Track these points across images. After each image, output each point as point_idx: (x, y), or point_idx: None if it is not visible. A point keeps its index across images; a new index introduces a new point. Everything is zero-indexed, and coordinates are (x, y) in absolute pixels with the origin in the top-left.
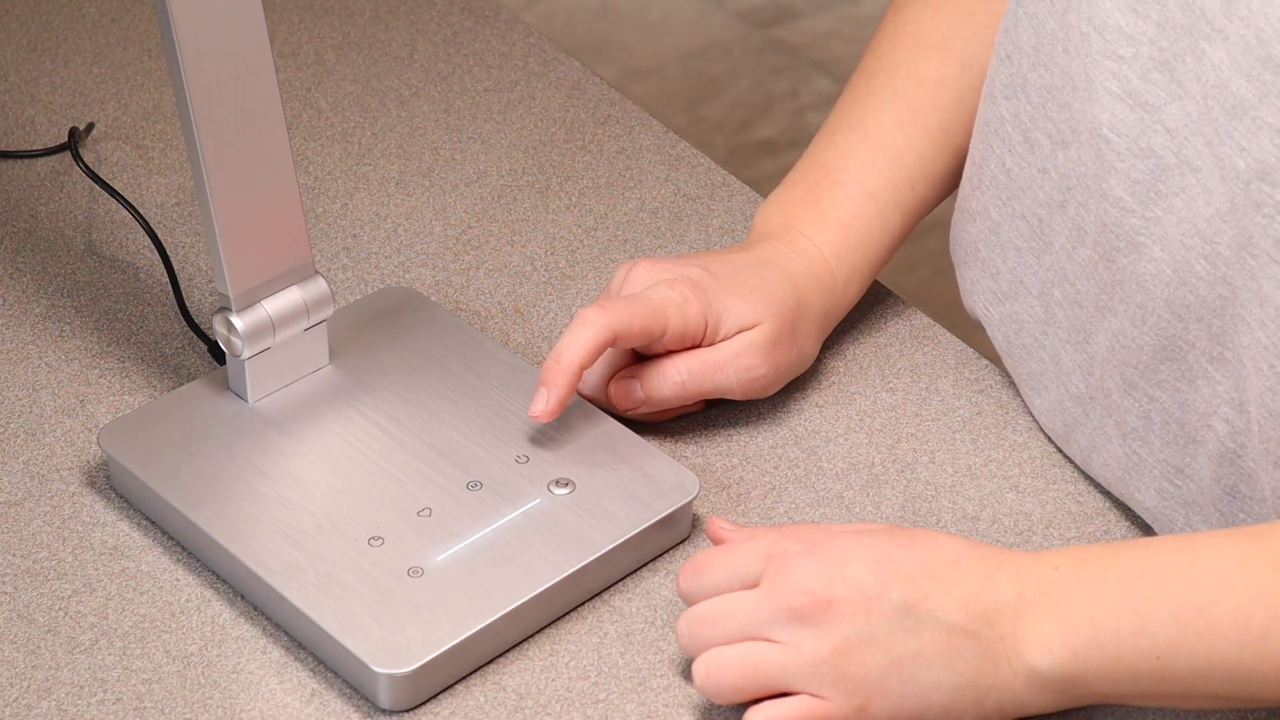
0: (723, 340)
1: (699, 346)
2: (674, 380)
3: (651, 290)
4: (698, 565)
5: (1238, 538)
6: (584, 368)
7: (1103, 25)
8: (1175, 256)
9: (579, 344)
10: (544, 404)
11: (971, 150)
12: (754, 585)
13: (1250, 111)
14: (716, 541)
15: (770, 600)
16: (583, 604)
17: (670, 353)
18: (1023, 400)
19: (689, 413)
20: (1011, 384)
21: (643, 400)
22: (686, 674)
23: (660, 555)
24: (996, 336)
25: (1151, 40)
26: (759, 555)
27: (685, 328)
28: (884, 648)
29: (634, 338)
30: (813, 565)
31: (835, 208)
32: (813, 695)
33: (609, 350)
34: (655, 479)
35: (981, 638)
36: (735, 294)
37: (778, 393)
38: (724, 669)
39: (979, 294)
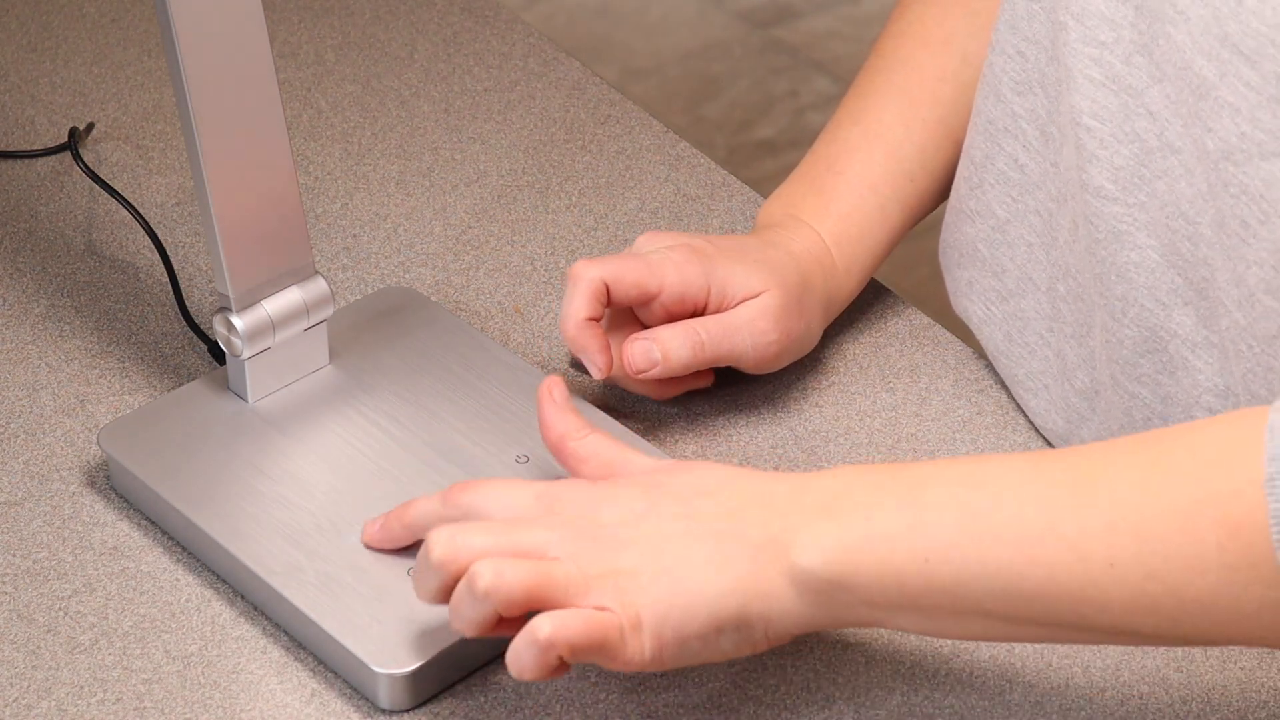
0: (730, 308)
1: (703, 314)
2: (693, 340)
3: (650, 252)
4: (464, 484)
5: (1031, 454)
6: (592, 319)
7: (1082, 12)
8: (1162, 240)
9: (576, 300)
10: (594, 366)
11: (970, 150)
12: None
13: (1212, 92)
14: (539, 404)
15: (545, 520)
16: None
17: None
18: None
19: (697, 387)
20: None
21: (658, 361)
22: (686, 674)
23: None
24: (995, 337)
25: (1131, 24)
26: (530, 493)
27: (684, 288)
28: (653, 557)
29: (627, 289)
30: (582, 493)
31: (836, 198)
32: (595, 607)
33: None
34: None
35: (749, 539)
36: (739, 262)
37: (778, 392)
38: (515, 576)
39: (976, 294)
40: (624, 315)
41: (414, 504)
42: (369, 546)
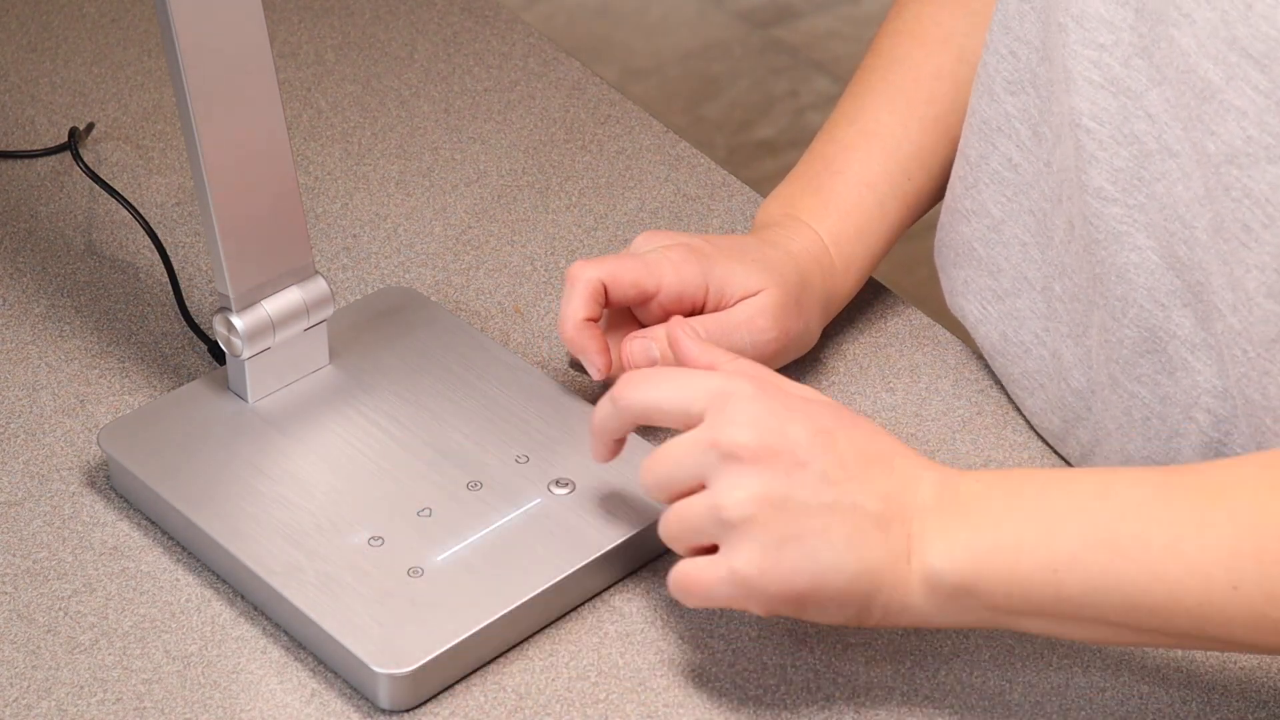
0: (729, 306)
1: (701, 313)
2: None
3: (648, 252)
4: (645, 375)
5: (1157, 469)
6: (590, 319)
7: (1081, 15)
8: (1160, 242)
9: (574, 301)
10: (593, 367)
11: (965, 150)
12: (698, 418)
13: (1218, 95)
14: (675, 347)
15: (705, 440)
16: (583, 604)
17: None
18: None
19: None
20: None
21: (657, 359)
22: (687, 674)
23: (660, 555)
24: (991, 336)
25: (1131, 26)
26: (706, 390)
27: (681, 287)
28: (794, 517)
29: (624, 289)
30: (754, 410)
31: (834, 197)
32: (726, 550)
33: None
34: None
35: (891, 531)
36: (737, 261)
37: None
38: (668, 524)
39: (972, 293)
40: (623, 315)
41: (594, 412)
42: (602, 461)
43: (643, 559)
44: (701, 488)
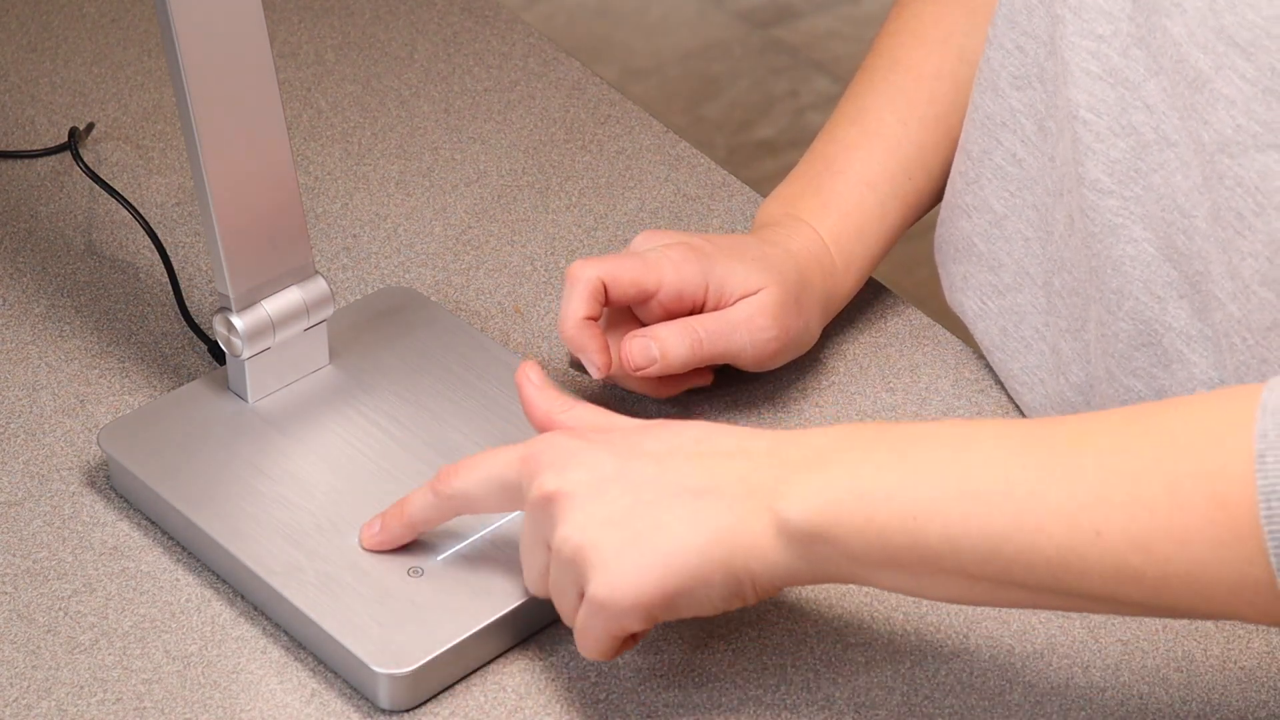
0: (729, 305)
1: (701, 312)
2: (691, 338)
3: (648, 250)
4: (460, 466)
5: (1022, 421)
6: (591, 318)
7: (1080, 6)
8: (1157, 234)
9: (575, 300)
10: (593, 366)
11: (967, 145)
12: (516, 490)
13: (1208, 84)
14: (519, 389)
15: (528, 508)
16: None
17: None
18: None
19: (696, 385)
20: None
21: (657, 358)
22: (687, 674)
23: None
24: (990, 331)
25: (1129, 16)
26: (511, 461)
27: (681, 285)
28: (621, 525)
29: (624, 287)
30: (553, 454)
31: (835, 197)
32: (579, 595)
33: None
34: None
35: (727, 493)
36: (737, 260)
37: (778, 392)
38: (555, 604)
39: (972, 289)
40: (623, 314)
41: (409, 501)
42: (371, 550)
43: None
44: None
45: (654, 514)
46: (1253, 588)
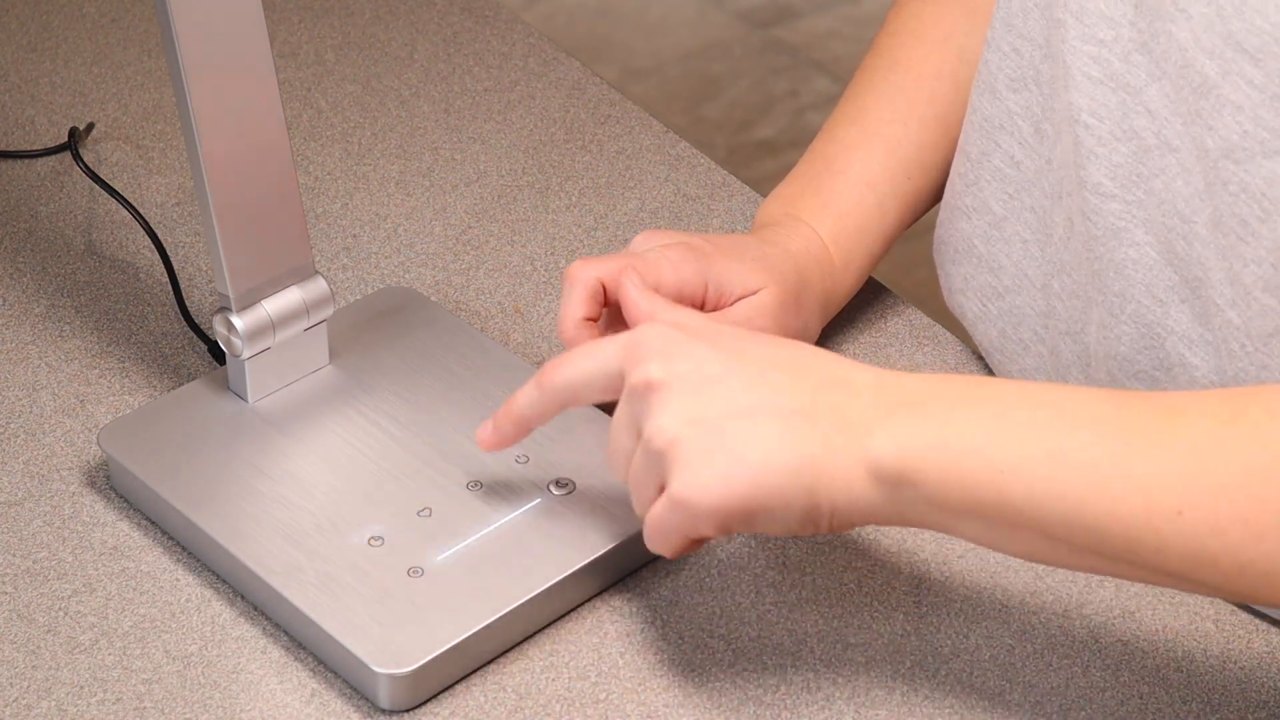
0: (728, 305)
1: (701, 311)
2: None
3: (647, 251)
4: (564, 357)
5: (1116, 390)
6: (590, 319)
7: (1081, 10)
8: (1159, 238)
9: (573, 301)
10: None
11: (966, 147)
12: (619, 377)
13: (1214, 90)
14: (619, 292)
15: (626, 392)
16: (583, 604)
17: None
18: None
19: None
20: None
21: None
22: (687, 674)
23: (660, 555)
24: (990, 333)
25: (1131, 22)
26: (617, 348)
27: (680, 285)
28: (717, 428)
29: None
30: (660, 344)
31: (835, 196)
32: (666, 481)
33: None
34: None
35: (823, 424)
36: (737, 260)
37: None
38: (631, 489)
39: (972, 291)
40: (621, 315)
41: (516, 400)
42: (489, 449)
43: (643, 559)
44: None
45: (750, 425)
46: None
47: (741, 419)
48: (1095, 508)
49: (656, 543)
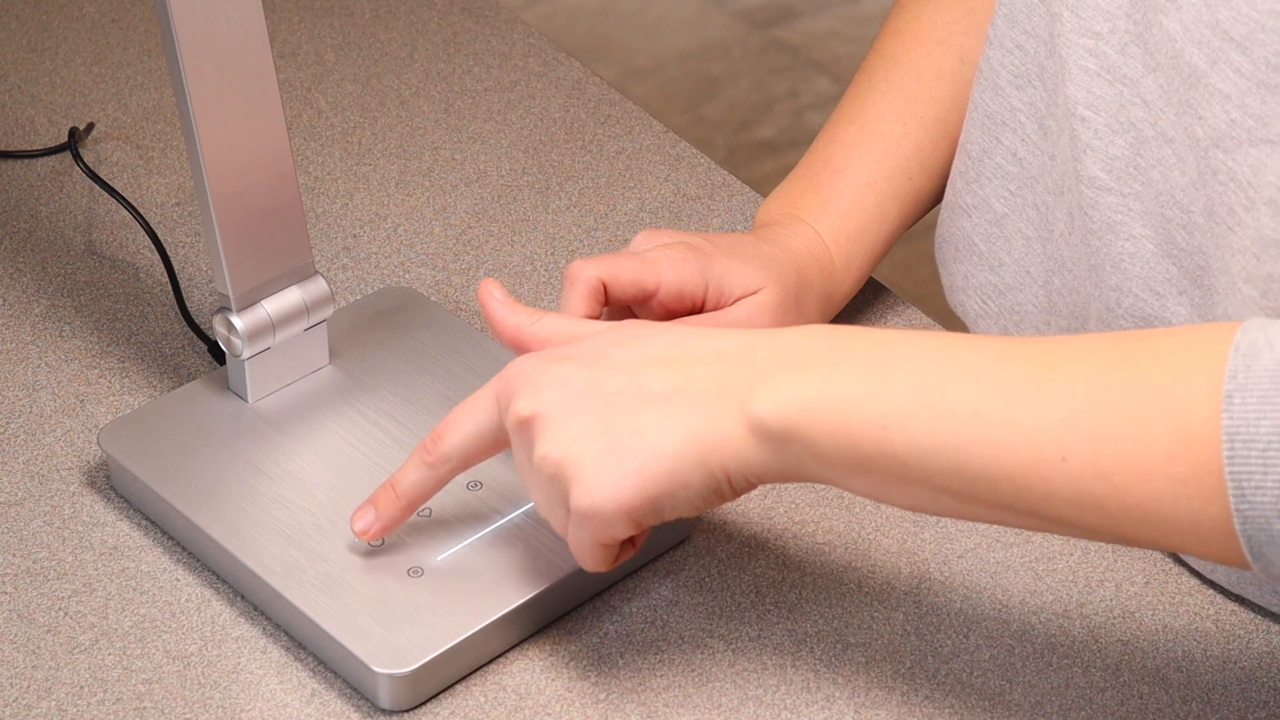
0: (728, 305)
1: (700, 311)
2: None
3: (648, 250)
4: (441, 428)
5: (999, 337)
6: (591, 318)
7: (1077, 3)
8: (1156, 230)
9: (574, 300)
10: None
11: (967, 145)
12: (500, 430)
13: (1203, 80)
14: (483, 308)
15: (512, 439)
16: (583, 604)
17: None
18: None
19: None
20: None
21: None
22: (687, 674)
23: (660, 555)
24: (991, 331)
25: (1127, 14)
26: (486, 401)
27: (681, 285)
28: (595, 436)
29: (624, 287)
30: (522, 378)
31: (834, 196)
32: (567, 510)
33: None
34: None
35: (699, 396)
36: (736, 259)
37: None
38: (546, 518)
39: (973, 289)
40: (622, 313)
41: (400, 480)
42: (371, 540)
43: (643, 559)
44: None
45: (628, 422)
46: (1209, 525)
47: (619, 418)
48: (980, 458)
49: (584, 560)
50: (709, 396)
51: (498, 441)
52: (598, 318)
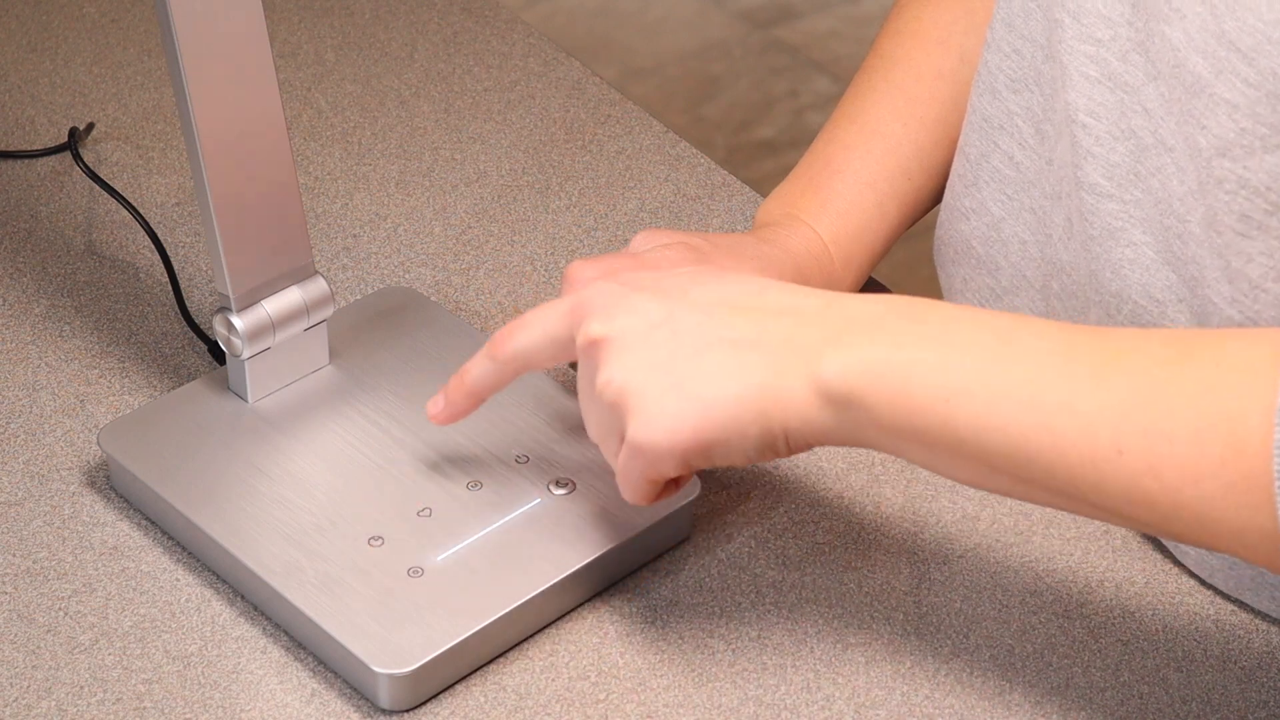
0: None
1: None
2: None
3: (646, 251)
4: (514, 325)
5: (1065, 324)
6: None
7: (1079, 10)
8: (1156, 237)
9: None
10: None
11: (965, 148)
12: (569, 341)
13: (1207, 89)
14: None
15: (579, 353)
16: (583, 604)
17: None
18: None
19: None
20: None
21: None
22: (687, 674)
23: (660, 555)
24: None
25: (1129, 21)
26: (562, 311)
27: None
28: (664, 370)
29: None
30: (600, 300)
31: (834, 196)
32: (621, 439)
33: None
34: None
35: (771, 348)
36: (736, 259)
37: None
38: (599, 446)
39: (971, 292)
40: None
41: (468, 371)
42: (441, 424)
43: (643, 559)
44: None
45: (696, 362)
46: (1257, 533)
47: (689, 357)
48: (1037, 443)
49: (626, 491)
50: (780, 350)
51: (562, 353)
52: None
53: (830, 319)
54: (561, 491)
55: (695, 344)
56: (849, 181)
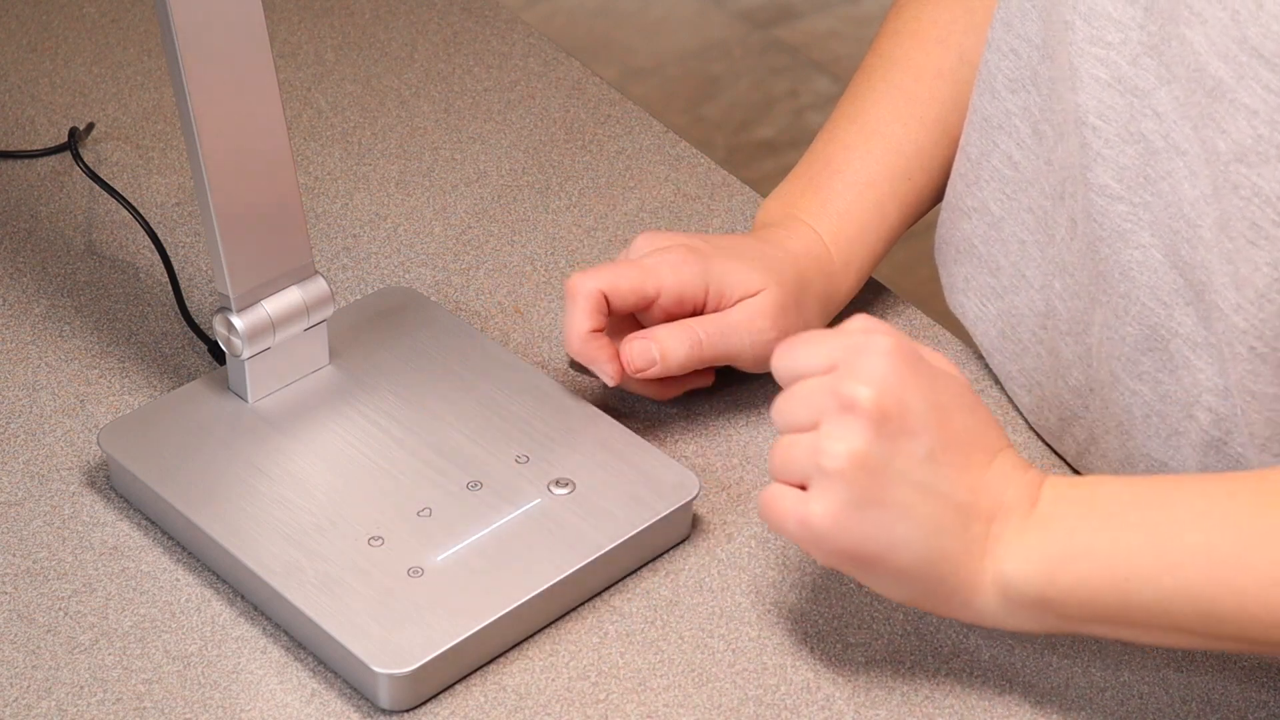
0: (728, 306)
1: (701, 313)
2: (691, 339)
3: (646, 255)
4: (793, 342)
5: (1222, 476)
6: (596, 330)
7: (1089, 13)
8: (1164, 241)
9: (578, 315)
10: (606, 375)
11: (966, 147)
12: (833, 368)
13: (1227, 94)
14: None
15: (829, 386)
16: (583, 604)
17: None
18: None
19: (697, 386)
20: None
21: (657, 360)
22: (687, 674)
23: (660, 555)
24: (989, 333)
25: (1140, 25)
26: (842, 346)
27: (681, 289)
28: (884, 485)
29: (624, 296)
30: (880, 369)
31: (834, 196)
32: (812, 493)
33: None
34: (655, 479)
35: (971, 527)
36: (736, 261)
37: (778, 392)
38: (774, 453)
39: (972, 291)
40: (624, 317)
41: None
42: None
43: (643, 559)
44: (815, 428)
45: (912, 498)
46: None
47: (907, 491)
48: (1223, 603)
49: (768, 518)
50: (977, 532)
51: (789, 381)
52: (603, 329)
53: (1022, 506)
54: (561, 491)
55: (921, 480)
56: (849, 182)
